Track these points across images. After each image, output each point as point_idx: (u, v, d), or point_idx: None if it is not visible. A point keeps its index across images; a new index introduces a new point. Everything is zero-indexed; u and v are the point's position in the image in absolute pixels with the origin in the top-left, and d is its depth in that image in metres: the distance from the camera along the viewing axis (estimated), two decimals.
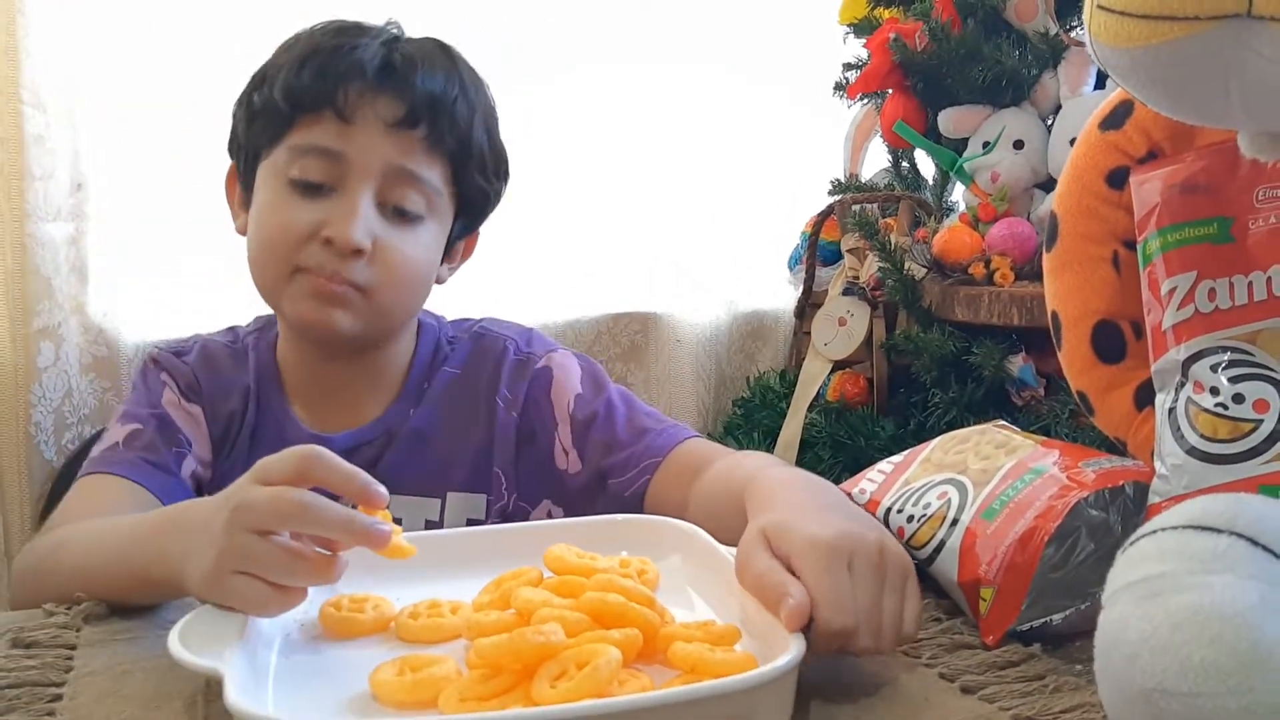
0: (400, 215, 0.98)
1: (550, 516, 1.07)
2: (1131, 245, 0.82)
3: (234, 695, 0.52)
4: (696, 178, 2.00)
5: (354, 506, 0.67)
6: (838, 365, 1.78)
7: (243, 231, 1.04)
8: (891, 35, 1.72)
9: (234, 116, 1.04)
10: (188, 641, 0.61)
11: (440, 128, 0.98)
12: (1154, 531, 0.50)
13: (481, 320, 1.14)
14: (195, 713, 0.61)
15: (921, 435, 1.58)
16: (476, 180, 1.04)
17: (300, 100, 0.96)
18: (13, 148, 1.46)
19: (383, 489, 0.67)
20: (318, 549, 0.65)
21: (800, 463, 1.67)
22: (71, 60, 1.51)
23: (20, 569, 0.88)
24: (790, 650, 0.56)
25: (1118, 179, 0.83)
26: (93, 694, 0.64)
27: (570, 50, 1.87)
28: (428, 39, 1.03)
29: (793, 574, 0.62)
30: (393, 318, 1.02)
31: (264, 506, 0.64)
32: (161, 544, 0.73)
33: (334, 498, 0.65)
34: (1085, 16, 0.66)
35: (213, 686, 0.63)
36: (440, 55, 1.01)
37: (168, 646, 0.60)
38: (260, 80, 1.00)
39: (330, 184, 0.96)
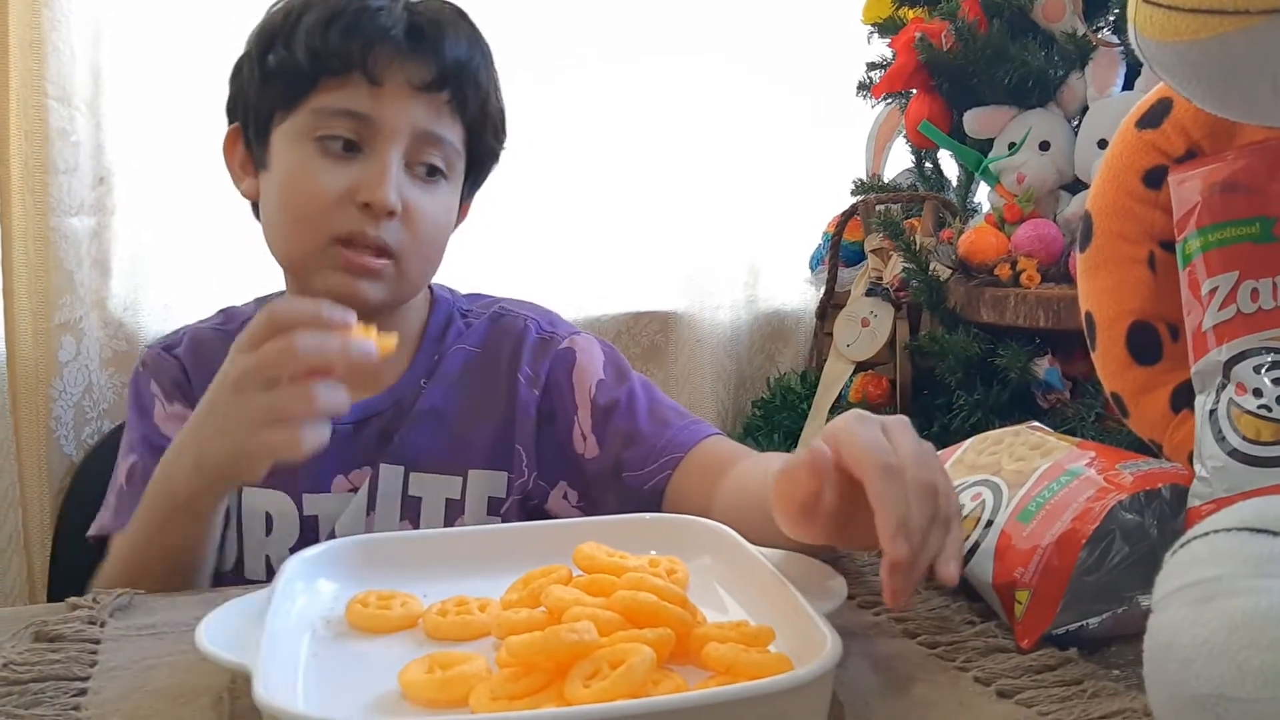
0: (424, 176, 0.99)
1: (565, 500, 1.06)
2: (1168, 245, 0.81)
3: (263, 692, 0.51)
4: (716, 177, 1.98)
5: None
6: (860, 366, 1.77)
7: (250, 196, 1.04)
8: (917, 35, 1.71)
9: (238, 77, 1.03)
10: (214, 637, 0.60)
11: (465, 92, 1.00)
12: (1206, 534, 0.49)
13: (500, 300, 1.13)
14: (222, 709, 0.61)
15: (945, 438, 1.56)
16: (489, 141, 1.06)
17: (327, 62, 0.95)
18: (37, 141, 1.46)
19: (346, 310, 0.76)
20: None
21: None
22: (96, 54, 1.51)
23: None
24: (827, 652, 0.55)
25: (1154, 178, 0.82)
26: (118, 688, 0.63)
27: (591, 46, 1.86)
28: (443, 3, 1.03)
29: None
30: (417, 281, 1.03)
31: (260, 360, 0.73)
32: (177, 458, 0.81)
33: None
34: (1130, 11, 0.65)
35: (239, 682, 0.63)
36: (460, 20, 1.02)
37: (195, 641, 0.60)
38: (271, 40, 0.98)
39: (358, 146, 0.96)
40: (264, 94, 0.99)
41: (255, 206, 1.05)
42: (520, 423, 1.05)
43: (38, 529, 1.52)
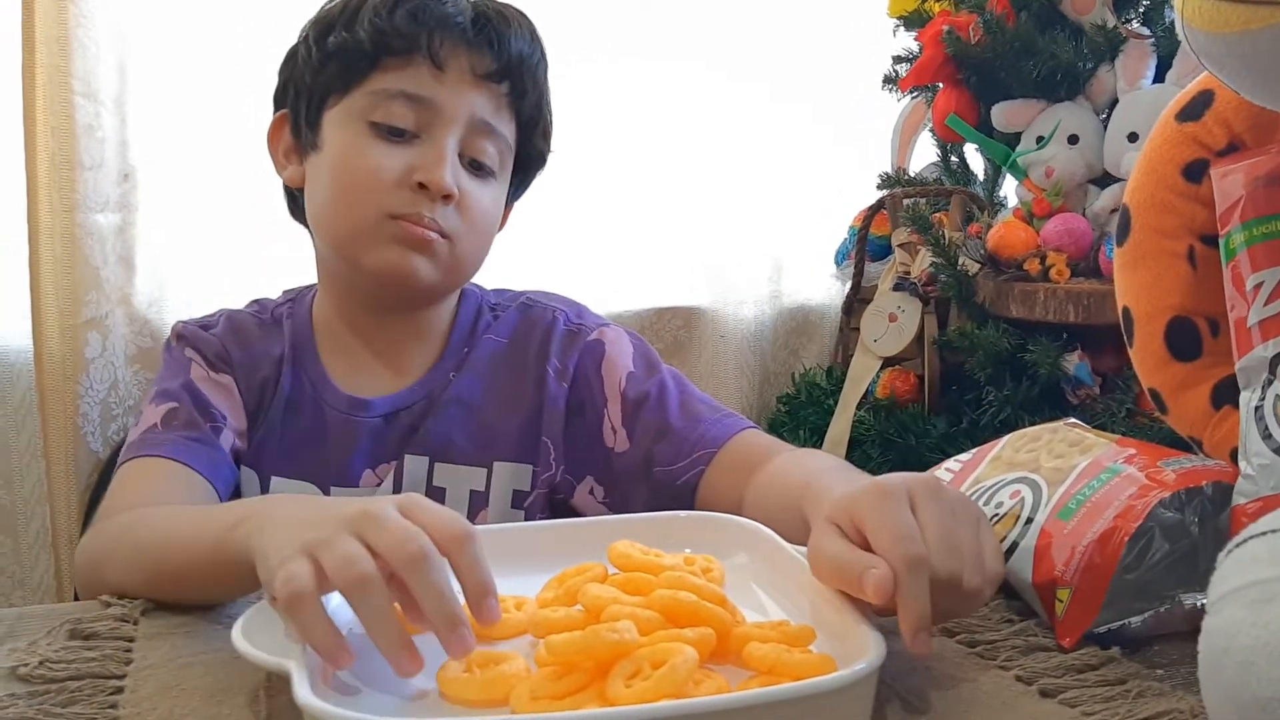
0: (476, 168, 0.99)
1: (591, 495, 1.05)
2: (1208, 240, 0.80)
3: (303, 693, 0.51)
4: (740, 171, 1.97)
5: None
6: (887, 362, 1.76)
7: (294, 183, 1.03)
8: (945, 28, 1.70)
9: (290, 63, 1.02)
10: (251, 636, 0.60)
11: (523, 87, 1.00)
12: (1264, 533, 0.48)
13: (528, 292, 1.12)
14: (258, 707, 0.61)
15: (974, 433, 1.56)
16: (537, 143, 1.05)
17: (390, 44, 0.95)
18: (64, 137, 1.46)
19: (500, 613, 0.61)
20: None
21: (848, 460, 1.65)
22: (121, 50, 1.51)
23: (89, 555, 0.86)
24: (871, 652, 0.54)
25: (1195, 172, 0.81)
26: (154, 686, 0.63)
27: (616, 40, 1.86)
28: (504, 2, 1.03)
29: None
30: (465, 270, 1.02)
31: (391, 529, 0.58)
32: (241, 509, 0.71)
33: None
34: (1178, 2, 0.64)
35: (274, 681, 0.63)
36: (523, 18, 1.02)
37: (232, 640, 0.59)
38: (331, 23, 0.98)
39: (415, 130, 0.95)
40: (320, 76, 0.98)
41: (290, 200, 1.05)
42: (548, 415, 1.04)
43: (65, 525, 1.52)
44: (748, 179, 1.98)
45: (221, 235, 1.63)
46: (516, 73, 0.99)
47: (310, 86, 0.99)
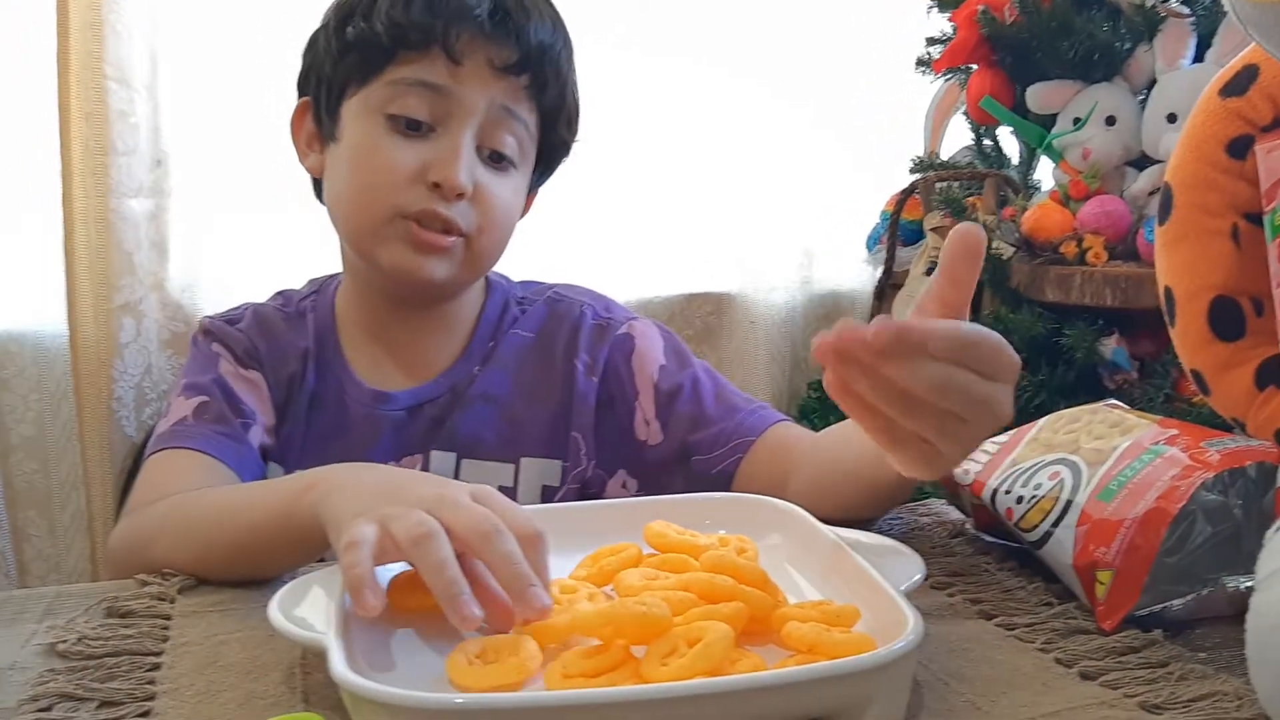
0: (495, 160, 0.97)
1: (625, 488, 1.05)
2: (1252, 217, 0.78)
3: (339, 668, 0.51)
4: (771, 157, 1.96)
5: None
6: None
7: (314, 171, 1.02)
8: (980, 8, 1.68)
9: (311, 51, 1.01)
10: (287, 613, 0.60)
11: (545, 77, 0.98)
12: None
13: (555, 286, 1.12)
14: (294, 683, 0.61)
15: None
16: (561, 132, 1.03)
17: (407, 36, 0.93)
18: (97, 123, 1.47)
19: (548, 602, 0.60)
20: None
21: None
22: (153, 36, 1.52)
23: (126, 541, 0.86)
24: (909, 631, 0.53)
25: (1239, 148, 0.80)
26: (191, 663, 0.63)
27: (650, 30, 1.85)
28: None
29: None
30: (483, 264, 1.01)
31: (465, 508, 0.61)
32: (310, 478, 0.73)
33: None
34: None
35: (309, 658, 0.63)
36: (545, 4, 1.00)
37: (268, 617, 0.59)
38: (350, 12, 0.97)
39: (431, 122, 0.94)
40: (339, 66, 0.97)
41: (317, 186, 1.05)
42: (578, 410, 1.04)
43: (101, 509, 1.54)
44: (779, 164, 1.97)
45: (253, 220, 1.64)
46: (537, 64, 0.96)
47: (330, 76, 0.98)
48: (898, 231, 1.88)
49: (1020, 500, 0.76)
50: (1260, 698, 0.48)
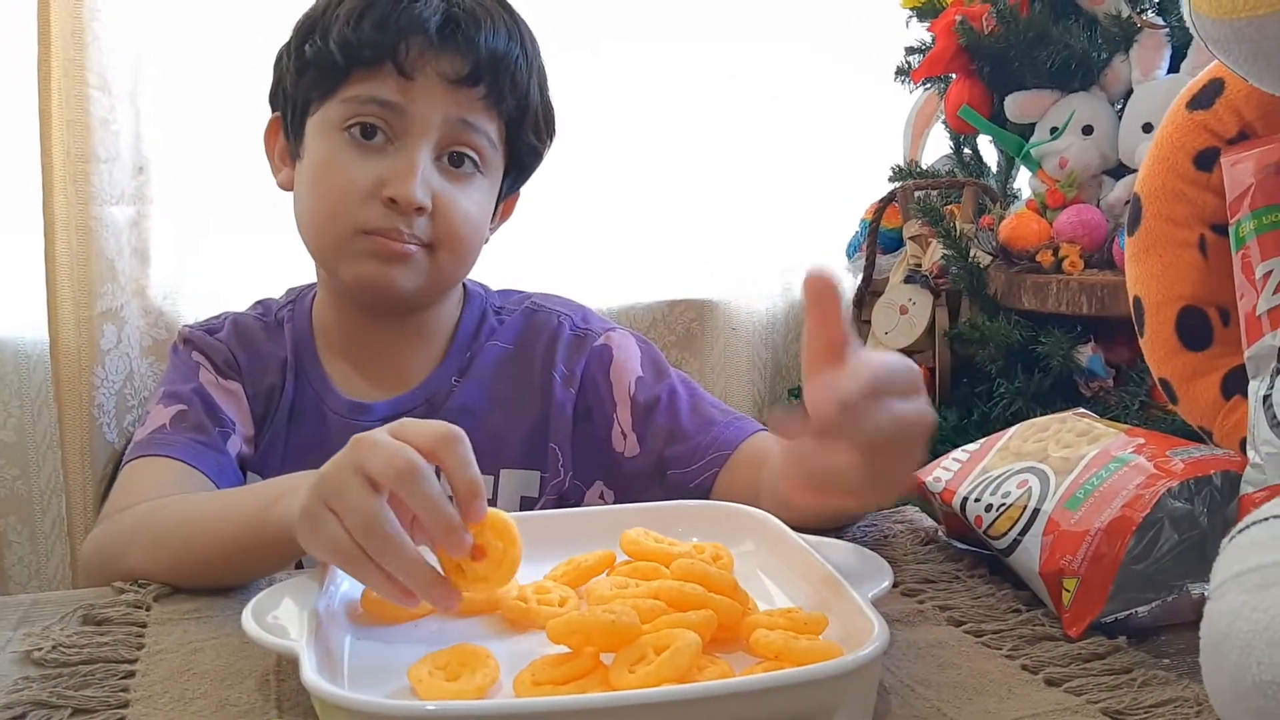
0: (456, 170, 0.97)
1: (602, 499, 1.06)
2: (1219, 229, 0.80)
3: (311, 675, 0.51)
4: (752, 164, 1.97)
5: None
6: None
7: (285, 186, 1.03)
8: (958, 18, 1.69)
9: (279, 67, 1.02)
10: (261, 620, 0.61)
11: (501, 87, 0.97)
12: (1266, 519, 0.48)
13: (533, 295, 1.12)
14: (268, 690, 0.61)
15: (986, 425, 1.55)
16: (528, 139, 1.03)
17: (358, 54, 0.93)
18: (79, 130, 1.47)
19: (486, 507, 0.64)
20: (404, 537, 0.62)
21: None
22: (135, 42, 1.52)
23: (100, 548, 0.86)
24: (875, 639, 0.54)
25: (1206, 160, 0.81)
26: (165, 671, 0.64)
27: (626, 30, 1.85)
28: None
29: None
30: (450, 275, 1.01)
31: (381, 450, 0.62)
32: (280, 485, 0.74)
33: None
34: None
35: (284, 665, 0.63)
36: (500, 11, 0.99)
37: (242, 625, 0.60)
38: (309, 30, 0.97)
39: (389, 136, 0.94)
40: (300, 84, 0.98)
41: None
42: (555, 421, 1.04)
43: (81, 516, 1.53)
44: (759, 171, 1.97)
45: (235, 227, 1.63)
46: (491, 73, 0.96)
47: (292, 94, 0.99)
48: (877, 239, 1.88)
49: (989, 508, 0.77)
50: (1214, 704, 0.49)
